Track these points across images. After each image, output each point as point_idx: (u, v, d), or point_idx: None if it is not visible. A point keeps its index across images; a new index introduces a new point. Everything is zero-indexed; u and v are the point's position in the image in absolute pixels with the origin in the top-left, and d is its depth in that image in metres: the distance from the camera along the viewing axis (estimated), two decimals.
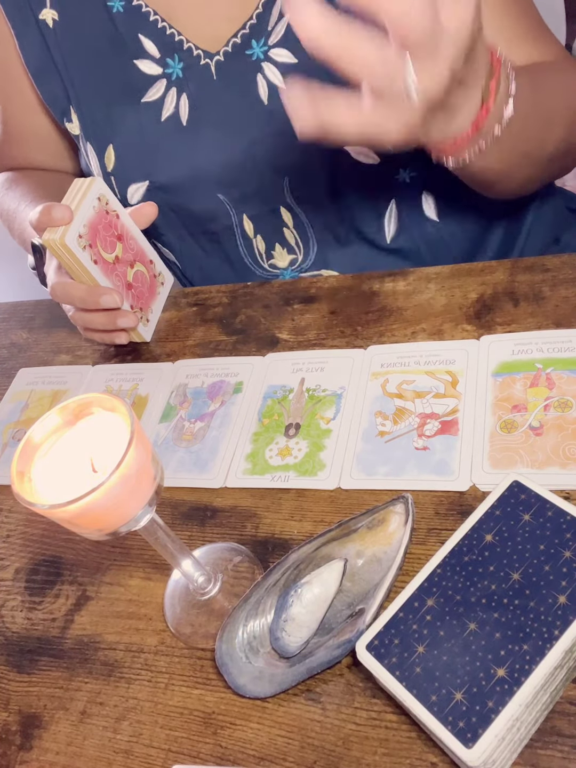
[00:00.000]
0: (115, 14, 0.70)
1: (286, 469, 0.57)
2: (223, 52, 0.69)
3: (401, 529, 0.48)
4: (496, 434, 0.53)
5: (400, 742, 0.41)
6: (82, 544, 0.58)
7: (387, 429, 0.56)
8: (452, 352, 0.59)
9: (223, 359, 0.68)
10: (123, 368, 0.71)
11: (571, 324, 0.57)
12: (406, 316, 0.64)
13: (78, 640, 0.53)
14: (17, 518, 0.62)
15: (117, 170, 0.74)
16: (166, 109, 0.72)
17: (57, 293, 0.66)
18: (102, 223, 0.65)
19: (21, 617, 0.55)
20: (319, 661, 0.44)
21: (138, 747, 0.46)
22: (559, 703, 0.40)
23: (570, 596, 0.39)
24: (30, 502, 0.38)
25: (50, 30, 0.73)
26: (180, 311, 0.75)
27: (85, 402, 0.42)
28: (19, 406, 0.72)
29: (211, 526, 0.56)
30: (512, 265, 0.64)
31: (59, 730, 0.49)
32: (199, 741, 0.45)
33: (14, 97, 0.81)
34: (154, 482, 0.42)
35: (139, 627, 0.52)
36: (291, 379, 0.63)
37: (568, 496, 0.48)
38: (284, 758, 0.43)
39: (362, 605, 0.46)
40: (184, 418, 0.64)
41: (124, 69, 0.72)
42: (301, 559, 0.48)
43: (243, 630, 0.46)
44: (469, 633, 0.39)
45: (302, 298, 0.70)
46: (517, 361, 0.56)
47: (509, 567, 0.41)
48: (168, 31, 0.70)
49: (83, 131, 0.76)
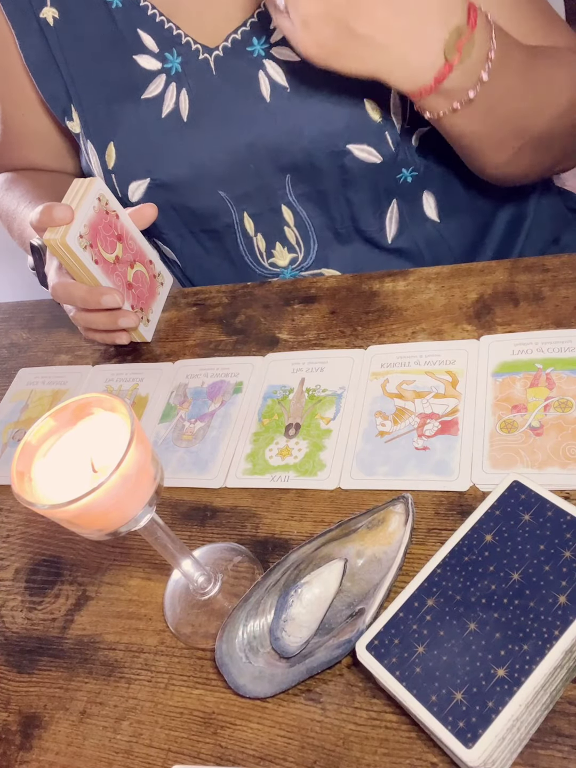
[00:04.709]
0: (114, 9, 0.70)
1: (286, 469, 0.57)
2: (222, 47, 0.69)
3: (401, 529, 0.48)
4: (496, 434, 0.53)
5: (400, 742, 0.41)
6: (82, 544, 0.58)
7: (387, 429, 0.56)
8: (452, 352, 0.59)
9: (223, 359, 0.68)
10: (123, 368, 0.71)
11: (571, 324, 0.57)
12: (406, 316, 0.64)
13: (78, 640, 0.53)
14: (17, 518, 0.62)
15: (118, 168, 0.74)
16: (166, 105, 0.72)
17: (58, 293, 0.66)
18: (102, 223, 0.65)
19: (21, 617, 0.55)
20: (319, 661, 0.44)
21: (138, 747, 0.46)
22: (559, 703, 0.40)
23: (570, 596, 0.39)
24: (30, 502, 0.38)
25: (51, 28, 0.73)
26: (180, 311, 0.75)
27: (85, 402, 0.42)
28: (19, 406, 0.72)
29: (211, 526, 0.56)
30: (512, 265, 0.64)
31: (59, 730, 0.49)
32: (199, 741, 0.45)
33: (14, 96, 0.81)
34: (154, 482, 0.42)
35: (139, 627, 0.52)
36: (291, 379, 0.63)
37: (568, 496, 0.48)
38: (284, 758, 0.43)
39: (362, 605, 0.46)
40: (184, 418, 0.64)
41: (124, 65, 0.72)
42: (301, 559, 0.48)
43: (243, 630, 0.46)
44: (469, 633, 0.39)
45: (302, 298, 0.70)
46: (517, 361, 0.56)
47: (509, 567, 0.41)
48: (166, 25, 0.70)
49: (84, 129, 0.76)
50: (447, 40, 0.54)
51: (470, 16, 0.55)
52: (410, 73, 0.56)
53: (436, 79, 0.56)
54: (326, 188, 0.73)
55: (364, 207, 0.74)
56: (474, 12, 0.55)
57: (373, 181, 0.72)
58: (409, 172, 0.72)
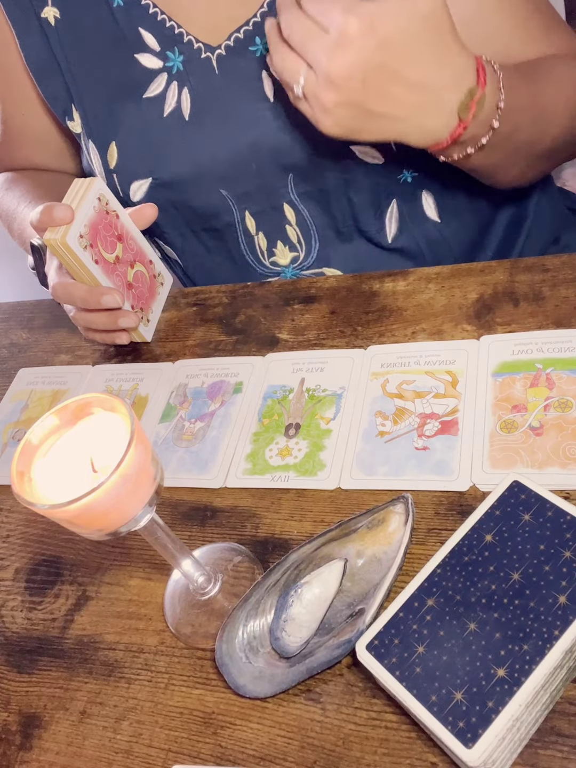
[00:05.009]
0: (116, 8, 0.70)
1: (286, 469, 0.57)
2: (225, 46, 0.69)
3: (401, 529, 0.48)
4: (496, 434, 0.53)
5: (400, 742, 0.41)
6: (82, 544, 0.58)
7: (387, 429, 0.56)
8: (452, 352, 0.59)
9: (223, 359, 0.68)
10: (123, 368, 0.71)
11: (571, 324, 0.57)
12: (406, 316, 0.64)
13: (78, 640, 0.53)
14: (17, 518, 0.62)
15: (120, 167, 0.74)
16: (168, 104, 0.72)
17: (58, 293, 0.66)
18: (102, 223, 0.65)
19: (21, 617, 0.55)
20: (319, 661, 0.44)
21: (138, 747, 0.46)
22: (559, 703, 0.40)
23: (570, 596, 0.39)
24: (30, 502, 0.38)
25: (52, 28, 0.73)
26: (180, 311, 0.75)
27: (85, 402, 0.42)
28: (19, 406, 0.72)
29: (211, 526, 0.56)
30: (512, 265, 0.64)
31: (59, 730, 0.49)
32: (199, 741, 0.45)
33: (15, 96, 0.81)
34: (154, 482, 0.42)
35: (139, 627, 0.52)
36: (291, 379, 0.63)
37: (568, 496, 0.48)
38: (284, 758, 0.43)
39: (362, 605, 0.46)
40: (184, 418, 0.64)
41: (126, 64, 0.72)
42: (301, 559, 0.48)
43: (243, 630, 0.46)
44: (469, 633, 0.39)
45: (302, 298, 0.70)
46: (517, 361, 0.56)
47: (509, 567, 0.41)
48: (168, 23, 0.70)
49: (85, 129, 0.75)
50: (460, 103, 0.57)
51: (479, 76, 0.56)
52: (427, 136, 0.59)
53: (452, 136, 0.58)
54: (328, 188, 0.73)
55: (365, 207, 0.74)
56: (483, 70, 0.57)
57: (374, 182, 0.72)
58: (409, 172, 0.72)
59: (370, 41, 0.53)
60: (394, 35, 0.53)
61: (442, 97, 0.56)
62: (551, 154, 0.70)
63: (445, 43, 0.55)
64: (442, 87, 0.56)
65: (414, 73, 0.55)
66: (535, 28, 0.69)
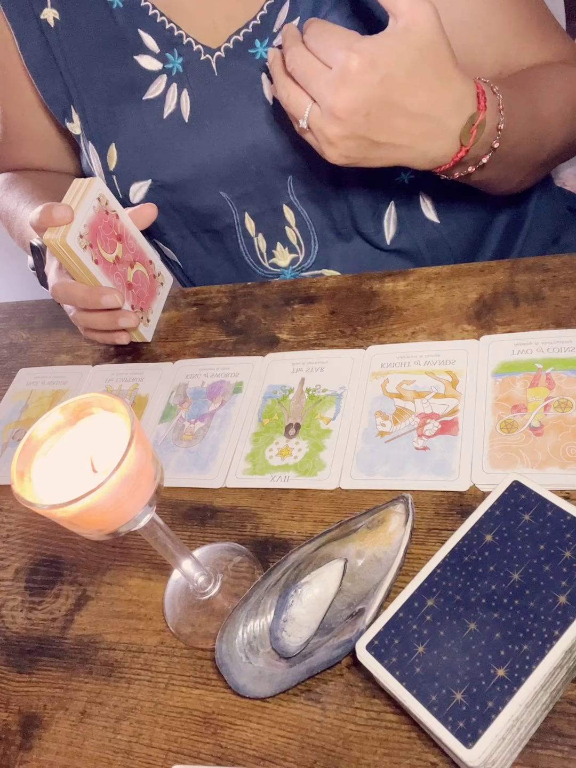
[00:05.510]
0: (115, 10, 0.70)
1: (286, 469, 0.57)
2: (224, 48, 0.69)
3: (401, 529, 0.48)
4: (496, 434, 0.53)
5: (400, 742, 0.41)
6: (82, 544, 0.58)
7: (387, 429, 0.56)
8: (452, 352, 0.59)
9: (223, 359, 0.68)
10: (123, 368, 0.71)
11: (571, 324, 0.57)
12: (406, 316, 0.64)
13: (78, 640, 0.53)
14: (17, 518, 0.62)
15: (119, 169, 0.74)
16: (167, 105, 0.72)
17: (58, 293, 0.66)
18: (102, 223, 0.65)
19: (21, 617, 0.55)
20: (319, 661, 0.44)
21: (138, 747, 0.46)
22: (559, 703, 0.40)
23: (570, 596, 0.39)
24: (30, 502, 0.38)
25: (51, 29, 0.73)
26: (180, 311, 0.75)
27: (85, 402, 0.42)
28: (19, 406, 0.72)
29: (211, 526, 0.56)
30: (512, 265, 0.64)
31: (59, 730, 0.49)
32: (199, 741, 0.45)
33: (14, 97, 0.81)
34: (154, 482, 0.42)
35: (139, 627, 0.52)
36: (291, 379, 0.63)
37: (568, 496, 0.48)
38: (284, 758, 0.43)
39: (362, 605, 0.46)
40: (184, 418, 0.64)
41: (125, 66, 0.72)
42: (301, 559, 0.48)
43: (243, 630, 0.46)
44: (469, 633, 0.39)
45: (302, 298, 0.70)
46: (517, 361, 0.56)
47: (509, 567, 0.41)
48: (167, 25, 0.70)
49: (85, 131, 0.75)
50: (462, 128, 0.57)
51: (480, 101, 0.57)
52: (430, 161, 0.60)
53: (454, 160, 0.59)
54: (327, 189, 0.73)
55: (362, 209, 0.74)
56: (483, 95, 0.57)
57: (372, 183, 0.72)
58: (406, 174, 0.72)
59: (372, 77, 0.54)
60: (395, 70, 0.54)
61: (445, 124, 0.57)
62: (549, 162, 0.71)
63: (445, 72, 0.56)
64: (444, 115, 0.57)
65: (416, 105, 0.56)
66: (532, 33, 0.69)
